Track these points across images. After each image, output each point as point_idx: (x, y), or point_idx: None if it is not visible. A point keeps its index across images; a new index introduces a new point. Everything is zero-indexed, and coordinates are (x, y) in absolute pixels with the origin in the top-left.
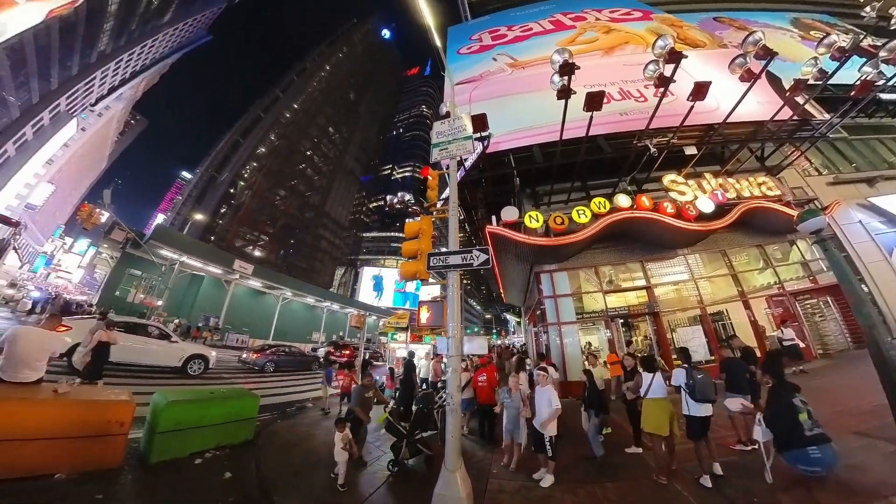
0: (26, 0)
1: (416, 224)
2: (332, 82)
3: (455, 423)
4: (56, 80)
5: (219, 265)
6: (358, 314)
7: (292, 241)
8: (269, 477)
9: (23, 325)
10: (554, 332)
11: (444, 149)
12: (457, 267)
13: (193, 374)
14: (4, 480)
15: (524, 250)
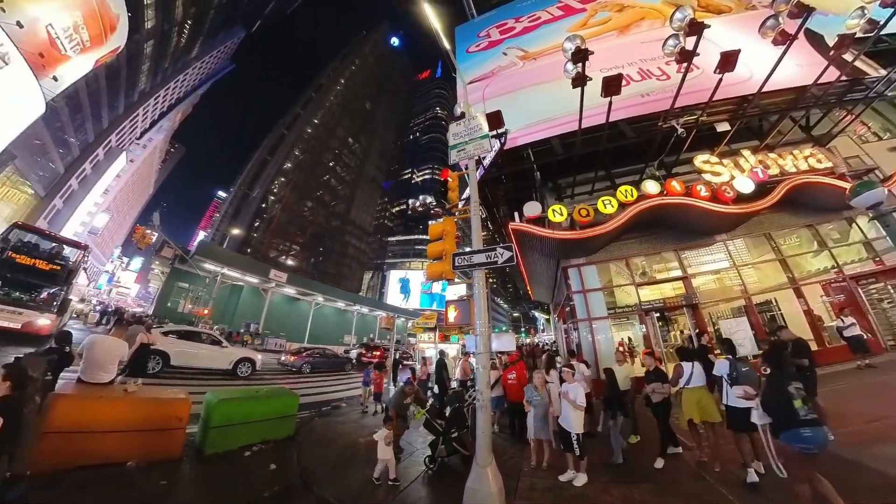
0: (77, 53)
1: (439, 226)
2: (348, 95)
3: (485, 419)
4: (106, 120)
5: (256, 275)
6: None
7: (321, 248)
8: (309, 469)
9: (95, 334)
10: (584, 329)
11: (462, 150)
12: (481, 266)
13: (242, 376)
14: (88, 466)
15: (549, 245)
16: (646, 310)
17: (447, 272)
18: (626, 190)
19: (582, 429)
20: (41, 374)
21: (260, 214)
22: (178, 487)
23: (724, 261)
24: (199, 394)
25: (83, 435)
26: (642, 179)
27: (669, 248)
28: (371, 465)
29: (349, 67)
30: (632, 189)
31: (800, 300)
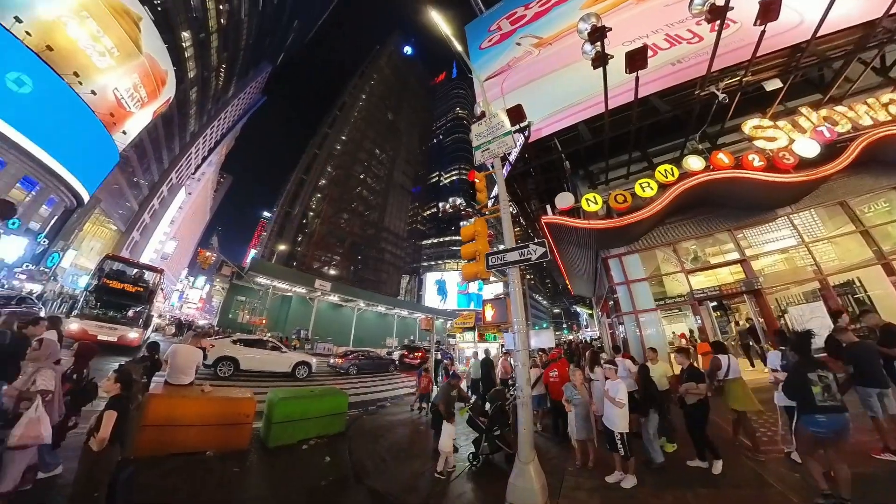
0: (138, 108)
1: (470, 227)
2: (370, 108)
3: (526, 416)
4: (166, 160)
5: (303, 285)
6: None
7: (360, 256)
8: (360, 462)
9: (176, 344)
10: (630, 323)
11: (486, 149)
12: (515, 263)
13: (300, 378)
14: (177, 454)
15: (586, 236)
16: (700, 299)
17: (482, 272)
18: (665, 169)
19: (626, 428)
20: (140, 378)
21: (302, 230)
22: (248, 474)
23: (791, 237)
24: (262, 394)
25: (172, 428)
26: (683, 156)
27: (722, 228)
28: (416, 459)
29: (368, 82)
30: (672, 168)
31: (892, 278)
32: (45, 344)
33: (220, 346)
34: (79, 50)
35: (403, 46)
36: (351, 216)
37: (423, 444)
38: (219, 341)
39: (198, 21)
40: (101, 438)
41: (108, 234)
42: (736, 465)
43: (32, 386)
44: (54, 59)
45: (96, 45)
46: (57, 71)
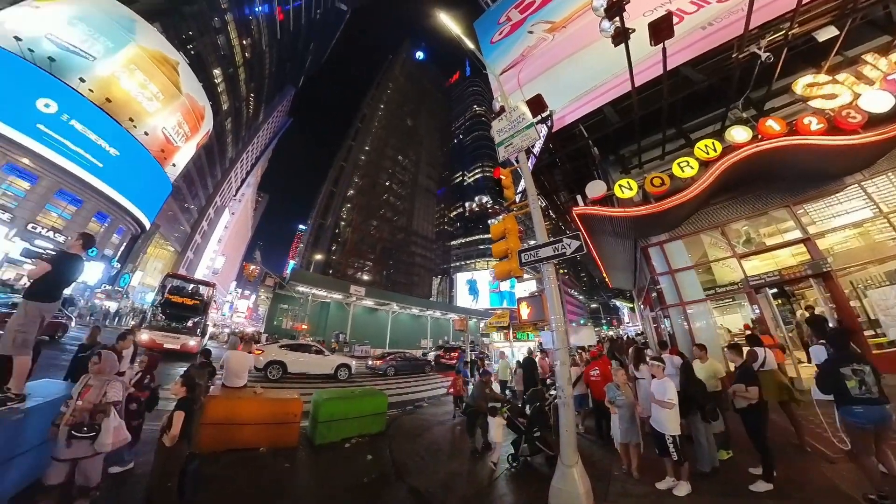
0: (184, 143)
1: (500, 225)
2: (389, 117)
3: (568, 417)
4: (210, 186)
5: (339, 292)
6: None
7: (391, 261)
8: (400, 461)
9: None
10: (677, 315)
11: (509, 144)
12: (549, 259)
13: (341, 379)
14: (233, 449)
15: (622, 225)
16: (756, 286)
17: (514, 270)
18: (706, 145)
19: (678, 430)
20: (205, 382)
21: (335, 239)
22: (298, 469)
23: (865, 208)
24: (308, 395)
25: (229, 426)
26: (725, 127)
27: (778, 204)
28: (454, 460)
29: (384, 92)
30: (713, 142)
31: None
32: (105, 358)
33: (269, 351)
34: (131, 98)
35: (415, 53)
36: (380, 222)
37: (460, 444)
38: (267, 347)
39: (226, 58)
40: (173, 436)
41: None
42: (803, 469)
43: (104, 398)
44: (113, 109)
45: (144, 92)
46: (116, 119)
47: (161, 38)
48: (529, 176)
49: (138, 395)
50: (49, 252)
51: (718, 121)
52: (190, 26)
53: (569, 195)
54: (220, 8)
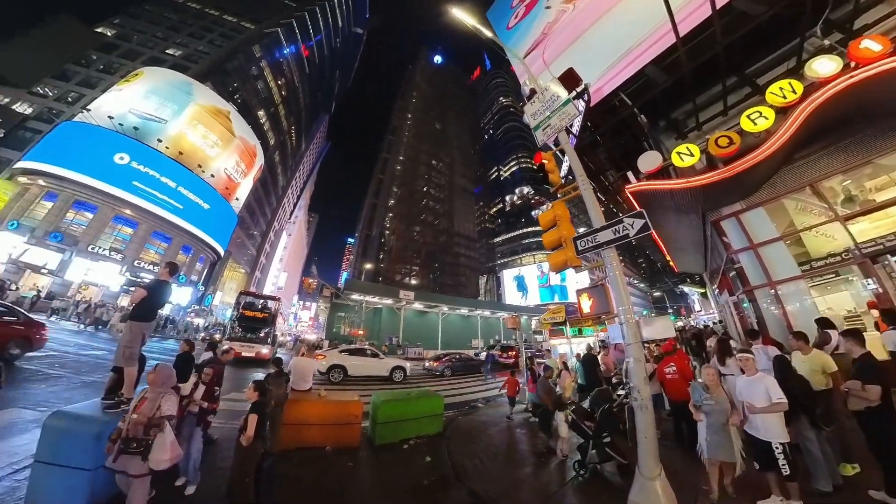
0: (242, 178)
1: (549, 213)
2: (418, 124)
3: (647, 422)
4: (268, 213)
5: (389, 297)
6: (511, 316)
7: (436, 264)
8: (459, 463)
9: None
10: (765, 298)
11: (547, 126)
12: (610, 243)
13: (397, 381)
14: (302, 448)
15: (685, 198)
16: (870, 254)
17: (571, 259)
18: (781, 88)
19: (787, 436)
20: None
21: (381, 248)
22: (360, 468)
23: None
24: (367, 396)
25: (298, 426)
26: (803, 62)
27: (888, 147)
28: (515, 464)
29: (410, 102)
30: (790, 83)
31: None
32: (159, 370)
33: (331, 356)
34: (197, 148)
35: (433, 58)
36: (422, 227)
37: (519, 447)
38: (329, 352)
39: (266, 100)
40: (248, 436)
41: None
42: None
43: (158, 412)
44: (185, 159)
45: (207, 141)
46: (188, 168)
47: (213, 94)
48: (575, 154)
49: (213, 408)
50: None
51: (792, 56)
52: (234, 79)
53: (618, 173)
54: (256, 57)
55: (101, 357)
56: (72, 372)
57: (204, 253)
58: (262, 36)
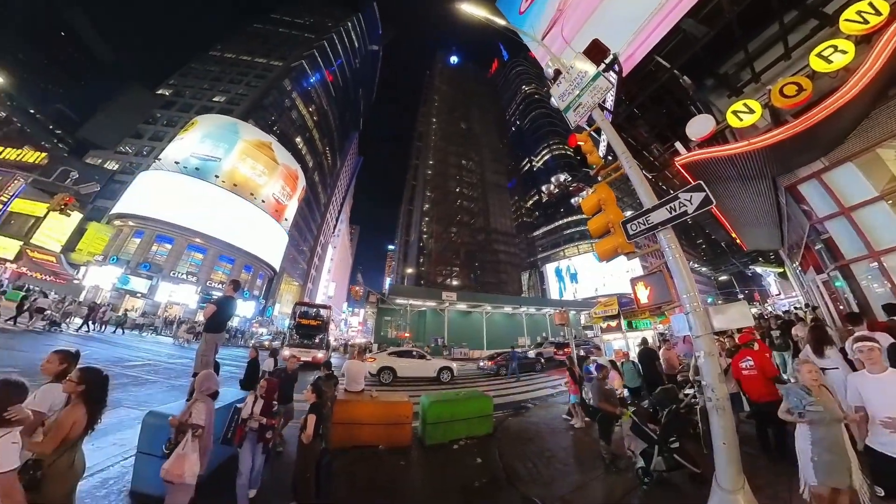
0: (288, 200)
1: (592, 197)
2: (444, 127)
3: (725, 425)
4: (314, 229)
5: (432, 300)
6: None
7: (476, 263)
8: (511, 465)
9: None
10: (866, 273)
11: (577, 105)
12: (667, 223)
13: (444, 381)
14: (357, 446)
15: (750, 163)
16: None
17: (622, 245)
18: (858, 11)
19: None
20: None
21: (421, 252)
22: (411, 467)
23: None
24: (416, 397)
25: (352, 425)
26: None
27: None
28: (570, 470)
29: (432, 106)
30: (871, 3)
31: None
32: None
33: (381, 358)
34: (248, 179)
35: (448, 60)
36: (459, 228)
37: (575, 452)
38: (378, 355)
39: (301, 127)
40: (308, 434)
41: (294, 288)
42: None
43: (189, 418)
44: (239, 190)
45: (255, 171)
46: (243, 197)
47: (256, 129)
48: (613, 130)
49: (271, 423)
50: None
51: None
52: (271, 113)
53: (664, 147)
54: (287, 90)
55: (186, 365)
56: (163, 377)
57: (262, 270)
58: (289, 70)
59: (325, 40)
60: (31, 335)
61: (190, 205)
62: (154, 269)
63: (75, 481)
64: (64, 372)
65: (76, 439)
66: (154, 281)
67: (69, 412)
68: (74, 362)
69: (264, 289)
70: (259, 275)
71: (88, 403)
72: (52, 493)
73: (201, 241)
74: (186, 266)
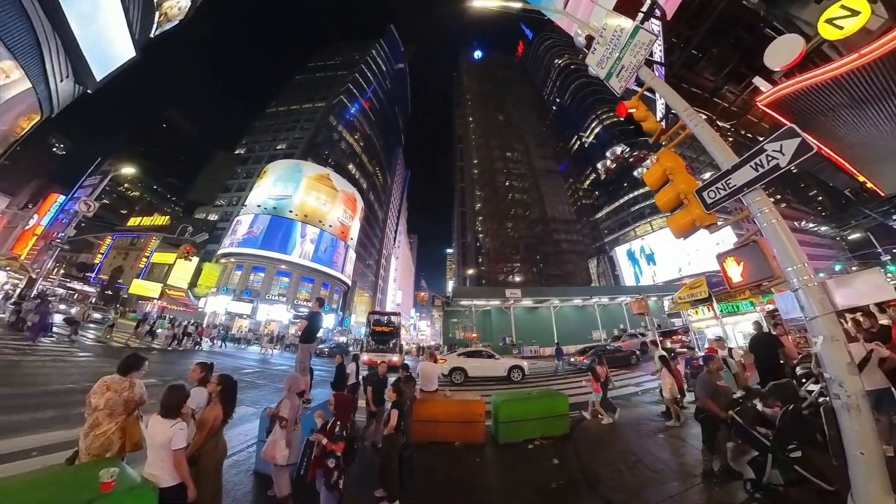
0: (351, 221)
1: (655, 168)
2: (481, 124)
3: (861, 429)
4: (377, 243)
5: (496, 298)
6: (636, 300)
7: (538, 256)
8: (590, 468)
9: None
10: None
11: (619, 69)
12: (754, 183)
13: (515, 380)
14: (435, 442)
15: (867, 81)
16: None
17: (700, 218)
18: None
19: None
20: (411, 391)
21: (479, 252)
22: (487, 465)
23: None
24: (487, 396)
25: (430, 423)
26: None
27: None
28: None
29: (466, 105)
30: None
31: None
32: (290, 378)
33: (451, 360)
34: (315, 209)
35: (472, 56)
36: (514, 222)
37: (666, 457)
38: (449, 356)
39: (351, 154)
40: (391, 427)
41: (365, 299)
42: None
43: (279, 411)
44: (309, 220)
45: (320, 201)
46: (314, 225)
47: (314, 165)
48: (667, 87)
49: (332, 449)
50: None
51: None
52: (324, 148)
53: (739, 87)
54: (334, 125)
55: (287, 371)
56: (270, 381)
57: (337, 286)
58: (332, 108)
59: (356, 72)
60: (173, 352)
61: (278, 238)
62: (253, 294)
63: (221, 459)
64: (203, 379)
65: (218, 428)
66: (254, 304)
67: (211, 409)
68: (210, 371)
69: (340, 302)
70: (335, 290)
71: (224, 402)
72: (204, 467)
73: (286, 266)
74: (277, 289)
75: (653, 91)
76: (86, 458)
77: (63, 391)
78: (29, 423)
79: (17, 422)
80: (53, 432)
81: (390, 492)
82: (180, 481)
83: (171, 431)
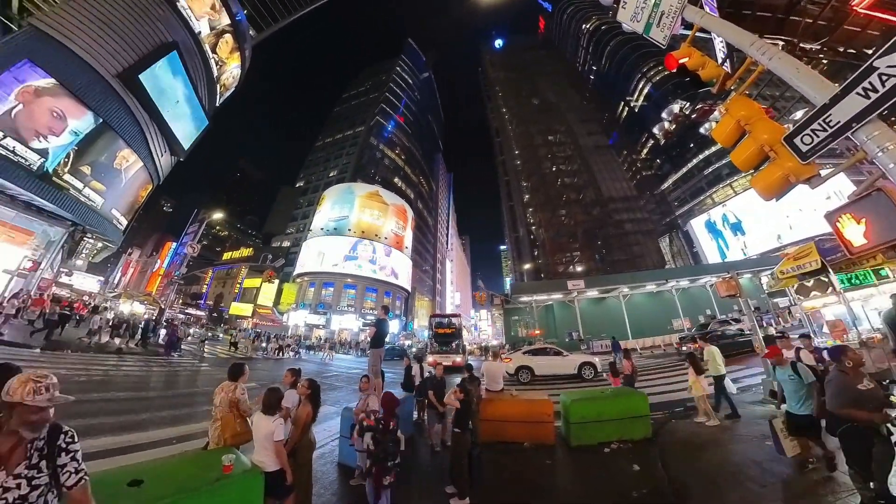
0: (403, 231)
1: (726, 120)
2: (516, 113)
3: None
4: (431, 249)
5: (557, 291)
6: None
7: (599, 241)
8: (679, 479)
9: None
10: None
11: (660, 15)
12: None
13: (587, 378)
14: (503, 442)
15: None
16: None
17: (795, 171)
18: None
19: None
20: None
21: (533, 245)
22: (558, 468)
23: None
24: (556, 395)
25: (496, 422)
26: None
27: None
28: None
29: (497, 98)
30: None
31: None
32: (367, 380)
33: (517, 358)
34: (371, 225)
35: (493, 46)
36: (567, 208)
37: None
38: (514, 354)
39: (395, 169)
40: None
41: (425, 303)
42: None
43: (367, 406)
44: (366, 235)
45: (373, 217)
46: (370, 240)
47: (364, 184)
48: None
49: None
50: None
51: None
52: (370, 168)
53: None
54: (375, 145)
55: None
56: (347, 383)
57: (399, 293)
58: (371, 129)
59: (386, 91)
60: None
61: (338, 255)
62: (326, 307)
63: (312, 451)
64: (294, 382)
65: (309, 425)
66: (328, 315)
67: (302, 408)
68: (299, 376)
69: (402, 308)
70: (397, 297)
71: (312, 402)
72: (301, 457)
73: (352, 280)
74: (346, 301)
75: (706, 31)
76: (212, 445)
77: (190, 394)
78: (168, 419)
79: (160, 417)
80: (187, 425)
81: (461, 489)
82: (281, 467)
83: (272, 426)
